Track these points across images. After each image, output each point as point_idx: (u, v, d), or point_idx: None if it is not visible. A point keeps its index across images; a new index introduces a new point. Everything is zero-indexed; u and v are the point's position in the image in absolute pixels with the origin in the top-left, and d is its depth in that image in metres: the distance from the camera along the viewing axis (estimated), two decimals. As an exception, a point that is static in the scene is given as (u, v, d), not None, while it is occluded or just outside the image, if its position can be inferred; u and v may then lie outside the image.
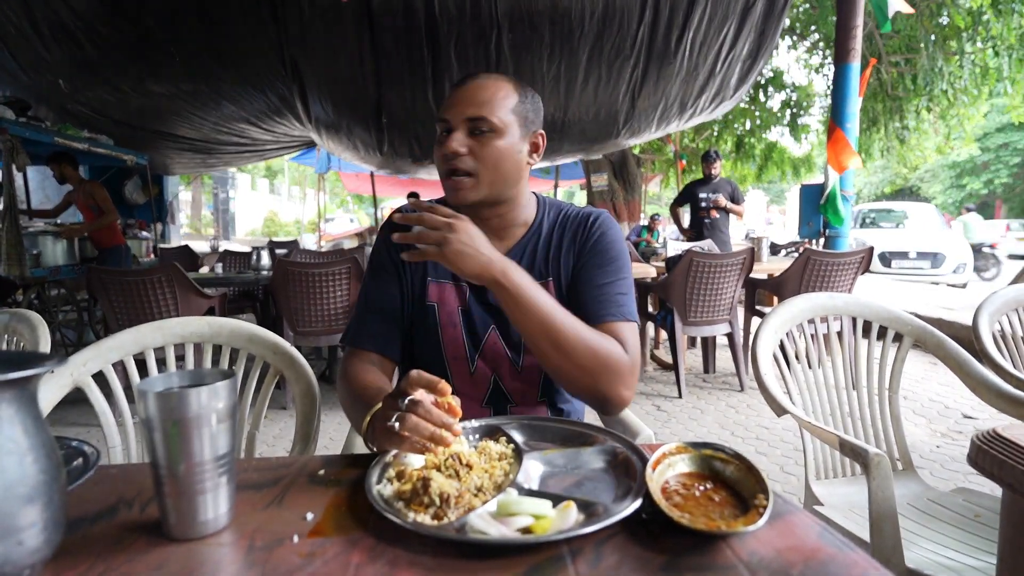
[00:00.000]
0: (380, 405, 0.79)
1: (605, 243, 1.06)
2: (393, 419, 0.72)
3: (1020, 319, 1.63)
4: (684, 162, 10.14)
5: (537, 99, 1.06)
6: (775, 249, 6.80)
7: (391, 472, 0.71)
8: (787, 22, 5.02)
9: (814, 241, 4.83)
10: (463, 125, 0.98)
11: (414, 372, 0.74)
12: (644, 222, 8.42)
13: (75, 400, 1.14)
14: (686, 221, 5.70)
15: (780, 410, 1.24)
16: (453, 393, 0.75)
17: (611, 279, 1.03)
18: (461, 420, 0.76)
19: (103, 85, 4.98)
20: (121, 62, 4.68)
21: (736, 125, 9.85)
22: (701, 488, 0.67)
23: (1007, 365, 1.45)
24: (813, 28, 8.52)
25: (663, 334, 4.69)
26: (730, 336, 3.68)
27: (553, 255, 1.08)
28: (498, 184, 1.01)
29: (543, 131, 1.07)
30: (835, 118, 4.46)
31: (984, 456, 0.76)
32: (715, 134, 10.24)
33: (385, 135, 5.07)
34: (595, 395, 0.93)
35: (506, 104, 0.99)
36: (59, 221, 5.13)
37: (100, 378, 1.13)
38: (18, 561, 0.50)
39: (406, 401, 0.72)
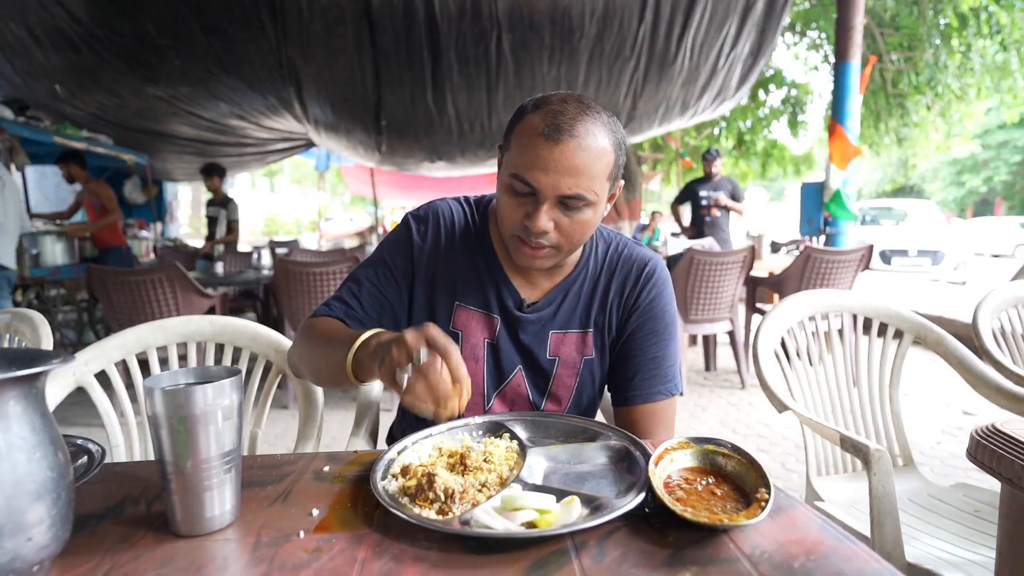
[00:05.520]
0: (380, 333, 0.76)
1: (661, 306, 0.98)
2: (407, 367, 0.67)
3: (1020, 316, 1.64)
4: (688, 160, 10.13)
5: (625, 143, 0.90)
6: (775, 247, 6.80)
7: (395, 468, 0.71)
8: (787, 19, 5.00)
9: (814, 239, 4.83)
10: (554, 199, 0.83)
11: (432, 327, 0.69)
12: (644, 220, 8.42)
13: (76, 400, 1.14)
14: (687, 219, 5.71)
15: (781, 407, 1.24)
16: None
17: (664, 350, 0.98)
18: (465, 416, 0.76)
19: (101, 90, 4.96)
20: (119, 66, 4.66)
21: (738, 122, 9.82)
22: (703, 482, 0.67)
23: (1007, 361, 1.45)
24: (813, 25, 8.51)
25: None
26: (731, 334, 3.69)
27: (598, 306, 0.99)
28: (574, 250, 0.92)
29: (622, 180, 0.94)
30: (836, 115, 4.47)
31: (983, 450, 0.77)
32: (717, 133, 10.22)
33: (384, 136, 5.07)
34: None
35: (604, 172, 0.85)
36: (60, 221, 5.14)
37: (101, 377, 1.14)
38: (28, 557, 0.50)
39: (424, 355, 0.67)
